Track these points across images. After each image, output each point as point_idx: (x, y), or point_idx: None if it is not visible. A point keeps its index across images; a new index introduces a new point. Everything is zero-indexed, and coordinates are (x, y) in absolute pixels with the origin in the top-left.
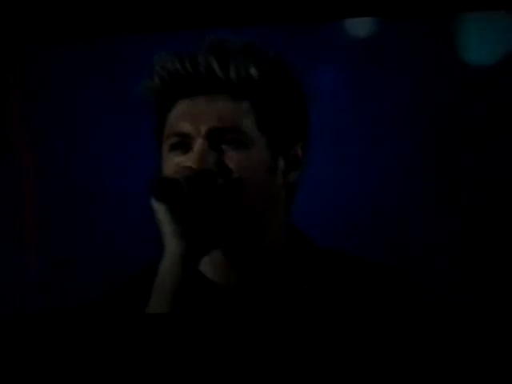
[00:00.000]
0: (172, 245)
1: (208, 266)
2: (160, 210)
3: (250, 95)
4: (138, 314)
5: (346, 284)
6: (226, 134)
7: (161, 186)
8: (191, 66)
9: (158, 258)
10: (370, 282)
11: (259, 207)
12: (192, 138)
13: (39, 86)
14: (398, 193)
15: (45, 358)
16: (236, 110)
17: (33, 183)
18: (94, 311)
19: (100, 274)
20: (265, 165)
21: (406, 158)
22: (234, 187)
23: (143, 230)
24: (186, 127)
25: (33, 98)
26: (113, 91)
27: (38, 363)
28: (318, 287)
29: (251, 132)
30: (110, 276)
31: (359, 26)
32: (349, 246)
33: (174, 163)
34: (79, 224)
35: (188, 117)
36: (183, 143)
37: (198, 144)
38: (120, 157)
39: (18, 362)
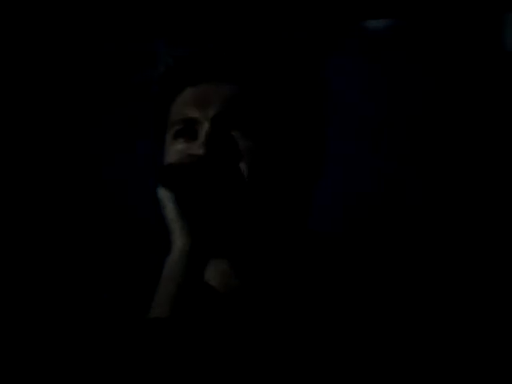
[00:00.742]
0: (179, 240)
1: (213, 273)
2: (167, 201)
3: (259, 82)
4: (139, 317)
5: (368, 302)
6: (235, 119)
7: (166, 173)
8: (198, 51)
9: (164, 258)
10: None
11: (269, 198)
12: (198, 124)
13: None
14: (411, 188)
15: (48, 357)
16: (245, 96)
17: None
18: (99, 311)
19: (104, 274)
20: (275, 154)
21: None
22: (242, 175)
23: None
24: (192, 112)
25: None
26: None
27: (38, 365)
28: (335, 301)
29: (261, 119)
30: (114, 276)
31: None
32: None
33: (178, 151)
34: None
35: (194, 102)
36: (189, 130)
37: (205, 129)
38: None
39: (17, 367)
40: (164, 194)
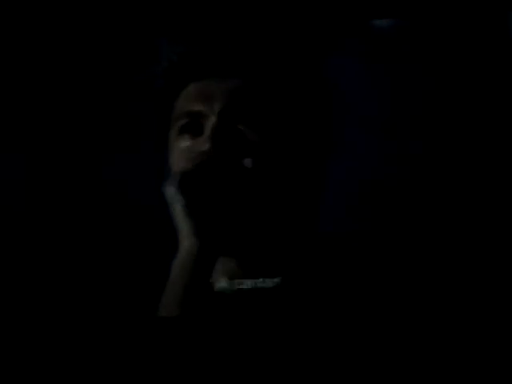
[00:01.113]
0: (187, 240)
1: (220, 273)
2: (174, 202)
3: (263, 77)
4: (146, 318)
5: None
6: (242, 113)
7: (183, 183)
8: (203, 46)
9: (171, 258)
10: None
11: (276, 194)
12: (204, 118)
13: None
14: (411, 187)
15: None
16: (250, 90)
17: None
18: (106, 311)
19: (108, 275)
20: (282, 148)
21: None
22: (249, 172)
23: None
24: (197, 106)
25: None
26: None
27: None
28: (343, 301)
29: (267, 114)
30: (118, 277)
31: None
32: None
33: (184, 149)
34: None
35: (199, 96)
36: (194, 124)
37: (211, 123)
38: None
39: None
40: (172, 195)
